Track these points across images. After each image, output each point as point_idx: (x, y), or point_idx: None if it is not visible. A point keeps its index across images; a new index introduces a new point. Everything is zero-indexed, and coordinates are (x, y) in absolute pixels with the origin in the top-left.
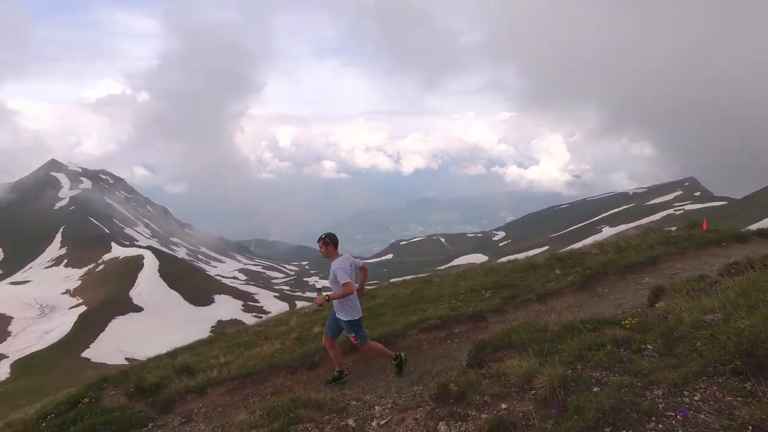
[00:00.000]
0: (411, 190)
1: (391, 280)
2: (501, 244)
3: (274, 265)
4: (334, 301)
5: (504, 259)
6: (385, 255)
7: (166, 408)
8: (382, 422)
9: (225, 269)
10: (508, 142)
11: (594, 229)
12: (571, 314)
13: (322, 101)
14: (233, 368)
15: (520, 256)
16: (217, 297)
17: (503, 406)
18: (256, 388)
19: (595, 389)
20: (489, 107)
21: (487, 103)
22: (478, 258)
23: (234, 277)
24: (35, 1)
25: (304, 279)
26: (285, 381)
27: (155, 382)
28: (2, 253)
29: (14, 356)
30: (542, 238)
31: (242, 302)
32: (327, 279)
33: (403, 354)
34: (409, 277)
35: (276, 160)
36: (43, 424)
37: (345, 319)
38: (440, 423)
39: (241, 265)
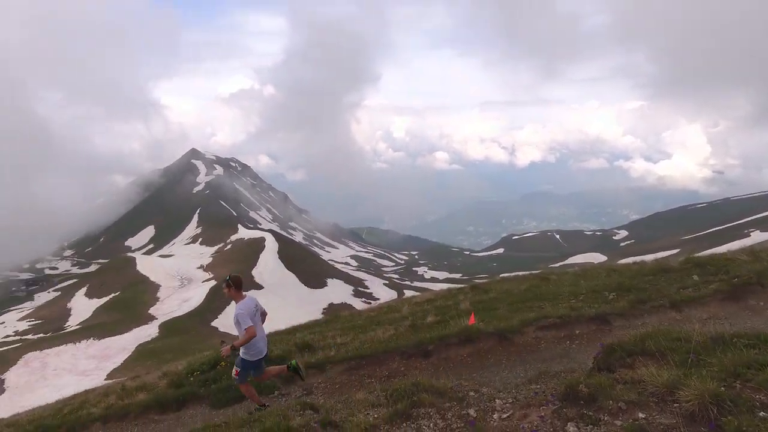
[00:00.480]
0: (525, 183)
1: (502, 275)
2: (622, 244)
3: (384, 253)
4: (237, 331)
5: (628, 260)
6: (496, 249)
7: (289, 379)
8: (504, 416)
9: (338, 255)
10: (635, 134)
11: (740, 232)
12: (716, 326)
13: (436, 92)
14: (350, 349)
15: (647, 257)
16: (329, 281)
17: (641, 415)
18: (372, 370)
19: (761, 414)
20: (614, 96)
21: (611, 91)
22: (596, 257)
23: (346, 263)
24: (184, 8)
25: (413, 268)
26: (399, 366)
27: (279, 355)
28: (154, 230)
29: (161, 318)
30: (673, 239)
31: (353, 287)
32: (436, 270)
33: (294, 361)
34: (522, 273)
35: (390, 150)
36: (191, 378)
37: (240, 355)
38: (569, 423)
39: (353, 252)
